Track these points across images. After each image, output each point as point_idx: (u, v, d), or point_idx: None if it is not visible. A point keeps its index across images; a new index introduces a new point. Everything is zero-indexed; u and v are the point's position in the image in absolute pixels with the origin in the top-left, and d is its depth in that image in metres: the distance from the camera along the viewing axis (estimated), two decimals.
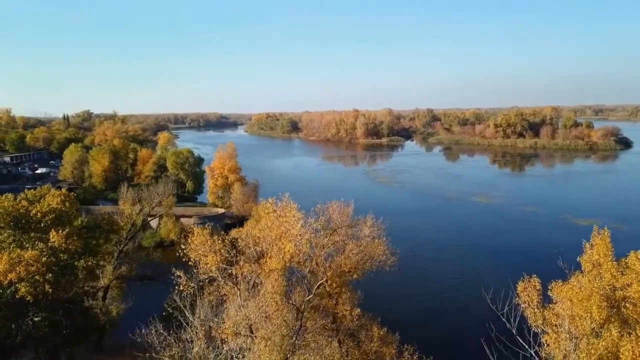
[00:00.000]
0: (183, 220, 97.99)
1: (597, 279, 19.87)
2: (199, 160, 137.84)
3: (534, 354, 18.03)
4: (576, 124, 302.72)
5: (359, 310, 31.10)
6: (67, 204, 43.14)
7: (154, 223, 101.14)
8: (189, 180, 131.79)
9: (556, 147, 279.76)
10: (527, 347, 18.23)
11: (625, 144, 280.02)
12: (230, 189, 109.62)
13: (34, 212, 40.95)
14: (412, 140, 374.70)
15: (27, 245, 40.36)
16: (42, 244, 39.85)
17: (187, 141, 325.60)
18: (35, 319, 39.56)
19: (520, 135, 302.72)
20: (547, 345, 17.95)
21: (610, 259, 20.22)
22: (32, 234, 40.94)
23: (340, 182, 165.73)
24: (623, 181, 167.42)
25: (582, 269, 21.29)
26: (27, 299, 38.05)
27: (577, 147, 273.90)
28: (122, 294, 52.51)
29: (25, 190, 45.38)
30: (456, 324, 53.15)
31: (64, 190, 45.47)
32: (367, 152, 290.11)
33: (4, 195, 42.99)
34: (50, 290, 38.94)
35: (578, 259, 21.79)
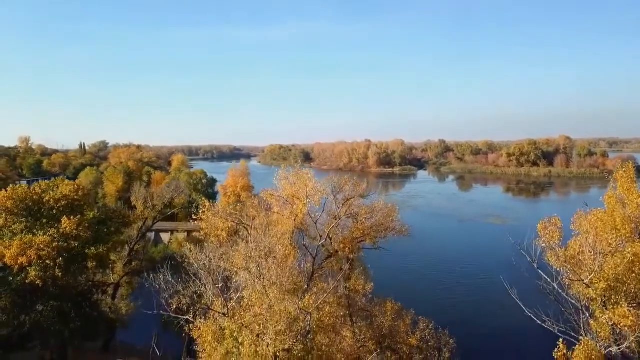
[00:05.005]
0: (195, 235, 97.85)
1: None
2: (212, 182, 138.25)
3: (556, 287, 17.17)
4: (590, 153, 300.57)
5: (372, 284, 30.25)
6: (79, 193, 43.31)
7: (165, 238, 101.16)
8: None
9: (571, 175, 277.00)
10: (549, 280, 17.40)
11: None
12: None
13: (46, 198, 41.10)
14: (425, 170, 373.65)
15: (39, 233, 40.29)
16: (53, 230, 39.76)
17: None
18: (44, 308, 39.09)
19: (534, 164, 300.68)
20: (570, 275, 17.06)
21: (635, 190, 19.40)
22: (44, 221, 40.94)
23: None
24: None
25: (606, 206, 20.46)
26: (37, 283, 37.73)
27: (593, 175, 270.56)
28: (131, 292, 51.97)
29: (40, 180, 45.82)
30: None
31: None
32: (379, 180, 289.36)
33: (18, 185, 43.40)
34: (60, 274, 38.58)
35: (601, 198, 21.03)
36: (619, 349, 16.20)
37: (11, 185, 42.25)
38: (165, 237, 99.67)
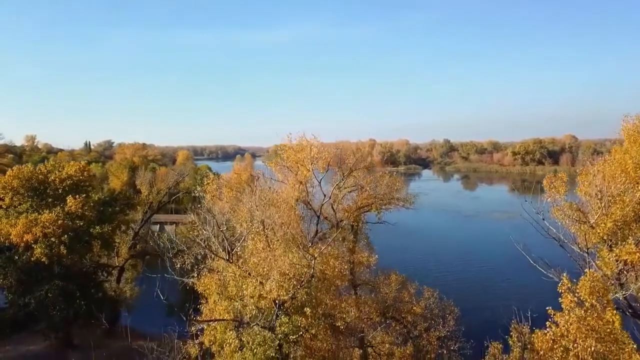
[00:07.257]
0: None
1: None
2: (217, 176, 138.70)
3: (562, 237, 17.07)
4: (597, 152, 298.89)
5: (376, 257, 30.13)
6: (85, 173, 43.50)
7: (170, 231, 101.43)
8: None
9: (576, 174, 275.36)
10: (555, 230, 17.30)
11: None
12: None
13: (52, 178, 41.29)
14: (430, 169, 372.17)
15: (44, 212, 40.44)
16: (58, 209, 39.91)
17: None
18: (49, 287, 39.19)
19: (539, 162, 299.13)
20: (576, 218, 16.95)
21: None
22: (49, 200, 41.10)
23: None
24: None
25: (613, 157, 20.29)
26: (42, 260, 37.89)
27: None
28: (136, 276, 52.03)
29: (45, 162, 46.07)
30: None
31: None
32: None
33: (24, 165, 43.63)
34: (65, 252, 38.69)
35: (607, 155, 20.89)
36: (624, 294, 16.15)
37: (17, 166, 42.46)
38: (170, 229, 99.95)
